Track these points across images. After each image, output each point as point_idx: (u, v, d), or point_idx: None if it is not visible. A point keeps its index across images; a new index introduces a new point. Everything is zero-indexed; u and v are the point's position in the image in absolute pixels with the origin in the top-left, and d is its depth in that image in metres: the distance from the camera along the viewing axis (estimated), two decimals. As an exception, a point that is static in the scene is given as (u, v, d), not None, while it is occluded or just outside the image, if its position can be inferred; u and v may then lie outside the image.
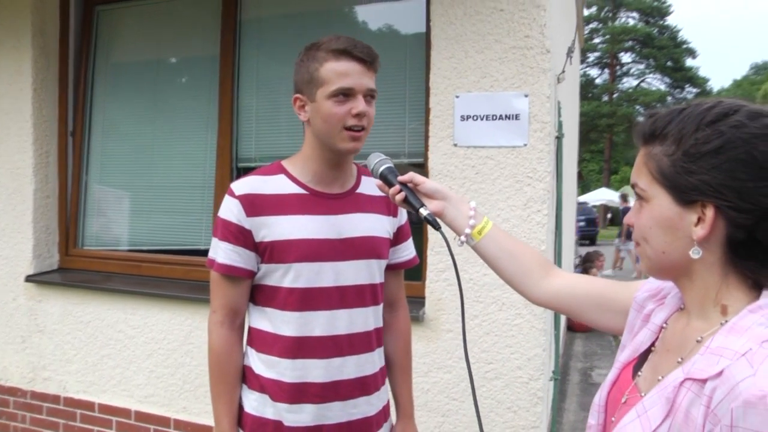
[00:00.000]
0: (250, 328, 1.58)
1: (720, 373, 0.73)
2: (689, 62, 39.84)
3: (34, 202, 3.45)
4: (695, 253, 0.83)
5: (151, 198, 3.51)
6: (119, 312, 3.22)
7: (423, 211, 1.22)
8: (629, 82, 41.15)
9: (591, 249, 9.82)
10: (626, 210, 13.23)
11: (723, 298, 0.84)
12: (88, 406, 3.31)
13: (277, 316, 1.50)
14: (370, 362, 1.57)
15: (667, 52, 38.37)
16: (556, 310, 1.16)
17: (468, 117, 2.61)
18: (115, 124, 3.62)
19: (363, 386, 1.55)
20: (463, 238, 1.19)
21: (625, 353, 0.98)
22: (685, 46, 39.47)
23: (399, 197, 1.26)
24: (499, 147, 2.58)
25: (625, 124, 37.93)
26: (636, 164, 0.91)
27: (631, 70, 41.17)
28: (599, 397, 0.99)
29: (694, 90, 39.34)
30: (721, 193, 0.80)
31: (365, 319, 1.55)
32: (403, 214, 1.69)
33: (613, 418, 0.93)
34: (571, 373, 5.76)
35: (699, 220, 0.82)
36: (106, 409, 3.27)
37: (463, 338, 1.17)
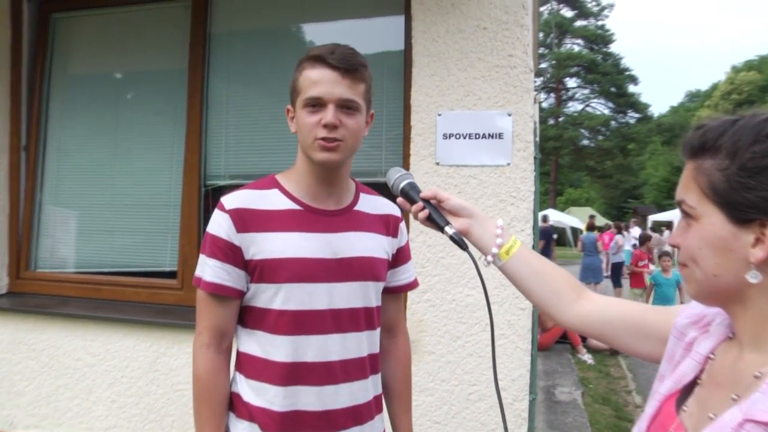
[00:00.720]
0: (238, 353, 1.48)
1: None
2: (631, 88, 41.60)
3: (-19, 221, 3.22)
4: (753, 278, 0.77)
5: (112, 217, 3.33)
6: (77, 339, 3.01)
7: (449, 230, 1.16)
8: (574, 107, 42.66)
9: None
10: (545, 230, 13.44)
11: None
12: (40, 441, 3.07)
13: (268, 339, 1.41)
14: (364, 390, 1.48)
15: (611, 79, 39.97)
16: (587, 334, 1.10)
17: (451, 135, 2.59)
18: (73, 139, 3.43)
19: (356, 415, 1.46)
20: (489, 258, 1.13)
21: (666, 385, 0.91)
22: (627, 73, 41.23)
23: (422, 215, 1.20)
24: (482, 166, 2.56)
25: (570, 147, 39.18)
26: (683, 179, 0.85)
27: (576, 95, 42.71)
28: (638, 430, 0.92)
29: (637, 115, 41.05)
30: None
31: (359, 344, 1.46)
32: (403, 235, 1.61)
33: None
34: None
35: (757, 240, 0.76)
36: (60, 444, 3.03)
37: (493, 364, 1.10)
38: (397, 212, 1.58)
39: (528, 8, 2.47)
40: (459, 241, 1.16)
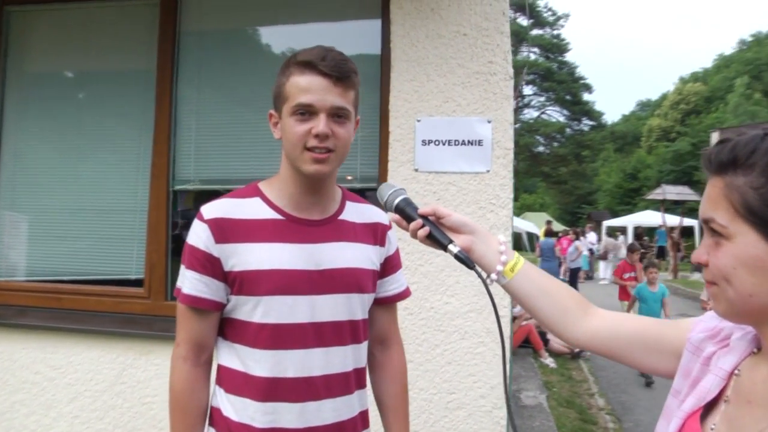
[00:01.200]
0: (219, 366, 1.43)
1: None
2: (586, 97, 42.59)
3: (-70, 227, 3.02)
4: None
5: (74, 223, 3.17)
6: (36, 351, 2.85)
7: (453, 248, 1.10)
8: (530, 114, 43.40)
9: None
10: None
11: None
12: (-7, 460, 2.89)
13: (248, 354, 1.36)
14: (349, 406, 1.43)
15: (566, 87, 40.81)
16: (596, 352, 1.06)
17: (430, 141, 2.57)
18: (31, 141, 3.25)
19: None
20: (494, 276, 1.09)
21: (689, 402, 0.88)
22: (582, 81, 42.21)
23: (422, 233, 1.12)
24: (461, 173, 2.54)
25: (525, 153, 39.87)
26: (709, 196, 0.82)
27: (532, 102, 43.47)
28: None
29: (591, 123, 42.09)
30: None
31: (343, 358, 1.41)
32: (391, 244, 1.56)
33: None
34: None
35: None
36: (16, 463, 2.86)
37: (504, 381, 1.07)
38: (385, 220, 1.53)
39: (508, 15, 2.47)
40: (465, 259, 1.09)
